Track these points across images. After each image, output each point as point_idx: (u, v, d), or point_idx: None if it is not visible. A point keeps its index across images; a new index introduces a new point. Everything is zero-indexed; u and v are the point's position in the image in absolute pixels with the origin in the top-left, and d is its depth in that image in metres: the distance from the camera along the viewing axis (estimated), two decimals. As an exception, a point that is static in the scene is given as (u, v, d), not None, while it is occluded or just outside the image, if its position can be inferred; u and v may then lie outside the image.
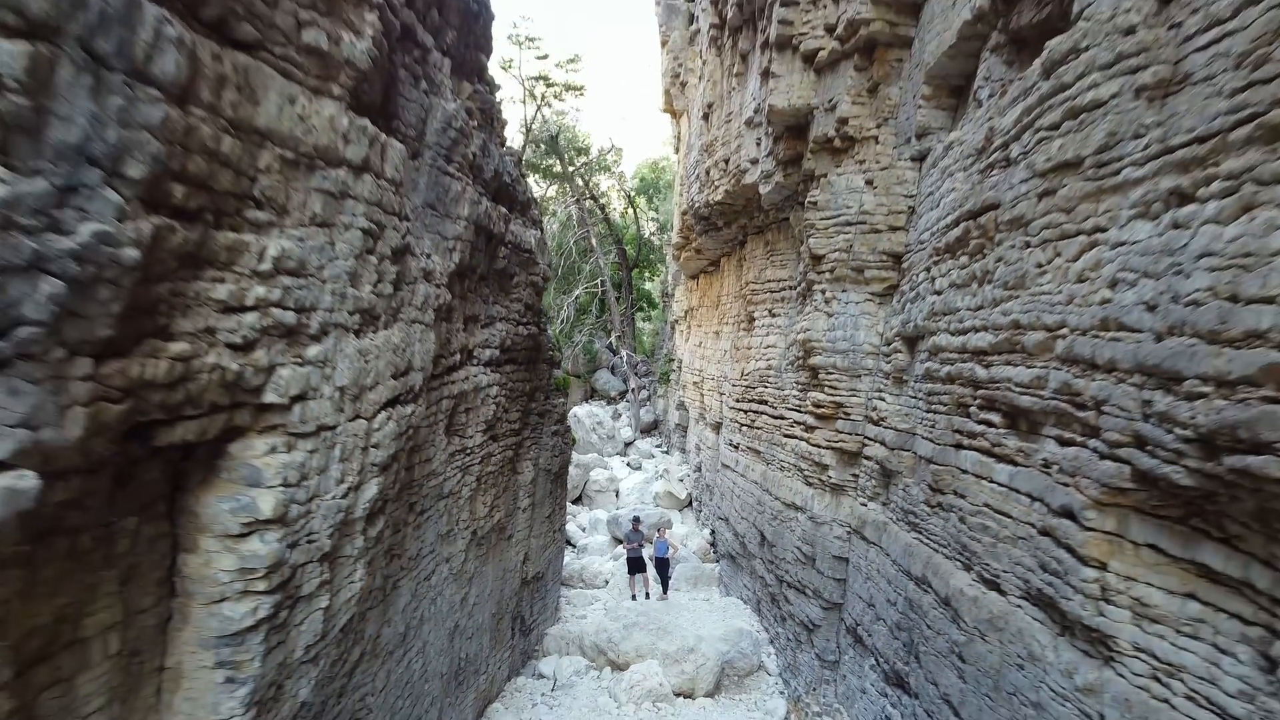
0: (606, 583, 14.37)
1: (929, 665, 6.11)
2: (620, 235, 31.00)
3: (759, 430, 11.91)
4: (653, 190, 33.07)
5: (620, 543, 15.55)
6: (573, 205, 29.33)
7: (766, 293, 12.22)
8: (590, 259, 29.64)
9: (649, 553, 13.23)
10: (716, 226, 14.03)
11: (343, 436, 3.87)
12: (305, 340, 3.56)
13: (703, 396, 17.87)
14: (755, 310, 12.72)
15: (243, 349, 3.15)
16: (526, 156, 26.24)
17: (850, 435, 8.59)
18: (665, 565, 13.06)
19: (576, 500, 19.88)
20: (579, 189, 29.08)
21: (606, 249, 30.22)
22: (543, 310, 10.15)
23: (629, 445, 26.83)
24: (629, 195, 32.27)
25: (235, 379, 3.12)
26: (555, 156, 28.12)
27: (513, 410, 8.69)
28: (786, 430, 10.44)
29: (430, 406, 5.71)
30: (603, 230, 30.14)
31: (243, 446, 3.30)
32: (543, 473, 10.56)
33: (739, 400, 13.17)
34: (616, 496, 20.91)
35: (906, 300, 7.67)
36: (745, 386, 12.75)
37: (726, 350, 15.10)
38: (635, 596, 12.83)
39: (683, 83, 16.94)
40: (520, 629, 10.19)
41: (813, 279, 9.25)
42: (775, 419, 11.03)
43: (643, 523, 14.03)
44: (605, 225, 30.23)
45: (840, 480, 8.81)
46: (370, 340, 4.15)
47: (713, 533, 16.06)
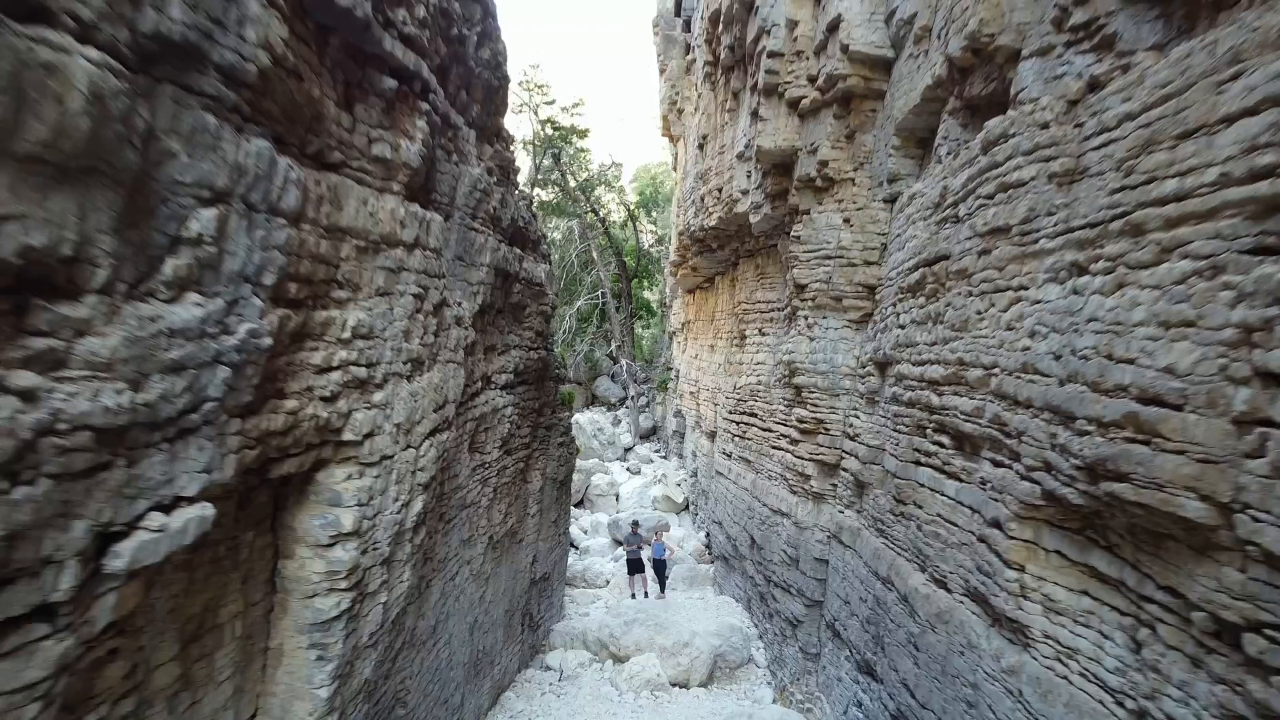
0: (608, 582, 15.21)
1: (891, 654, 6.99)
2: (620, 247, 32.04)
3: (749, 441, 12.80)
4: (651, 204, 34.13)
5: (620, 544, 16.33)
6: (574, 221, 30.40)
7: (757, 313, 13.10)
8: (591, 271, 30.68)
9: (648, 554, 13.96)
10: (711, 248, 14.93)
11: (398, 464, 4.75)
12: (372, 389, 4.44)
13: (699, 406, 18.73)
14: (747, 328, 13.60)
15: (330, 400, 4.03)
16: (531, 175, 27.26)
17: (829, 449, 9.48)
18: (663, 566, 13.86)
19: (579, 504, 20.72)
20: (581, 205, 30.12)
21: (606, 261, 31.25)
22: (550, 333, 11.03)
23: (628, 451, 27.73)
24: (629, 208, 33.32)
25: (324, 423, 4.00)
26: (558, 173, 29.19)
27: (524, 426, 9.58)
28: (774, 442, 11.32)
29: (458, 430, 6.59)
30: (603, 243, 31.17)
31: (327, 475, 4.18)
32: (550, 481, 11.44)
33: (731, 412, 14.05)
34: (617, 500, 21.76)
35: (878, 329, 8.55)
36: (737, 400, 13.63)
37: (720, 364, 15.97)
38: (635, 595, 13.64)
39: (679, 110, 17.85)
40: (529, 625, 11.07)
41: (797, 305, 10.14)
42: (764, 431, 11.91)
43: (642, 526, 14.89)
44: (605, 238, 31.27)
45: (821, 489, 9.70)
46: (418, 383, 5.04)
47: (708, 535, 16.88)
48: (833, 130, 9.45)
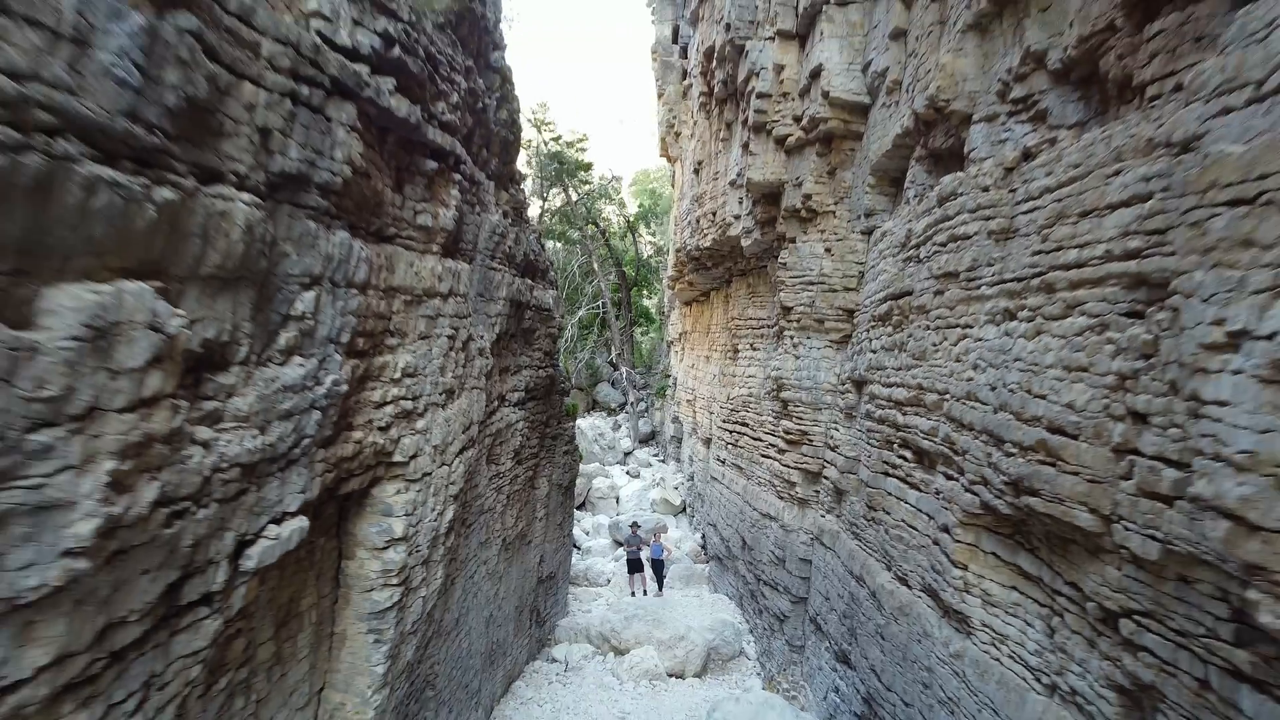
0: (609, 581, 16.04)
1: (863, 644, 7.86)
2: (620, 258, 33.06)
3: (741, 449, 13.67)
4: (650, 214, 35.15)
5: (621, 545, 17.17)
6: (575, 232, 31.43)
7: (749, 329, 13.97)
8: (592, 281, 31.70)
9: (647, 554, 14.79)
10: (706, 266, 15.81)
11: (435, 479, 5.61)
12: (416, 417, 5.30)
13: (695, 413, 19.58)
14: (739, 343, 14.47)
15: (384, 429, 4.89)
16: (534, 186, 28.21)
17: (813, 458, 10.35)
18: (661, 566, 14.71)
19: (581, 506, 21.55)
20: (582, 216, 31.14)
21: (607, 271, 32.26)
22: (556, 351, 11.91)
23: (628, 455, 28.60)
24: (628, 220, 34.33)
25: (380, 448, 4.86)
26: (561, 190, 30.21)
27: (533, 437, 10.44)
28: (763, 451, 12.20)
29: (479, 446, 7.46)
30: (603, 254, 32.18)
31: (381, 490, 5.05)
32: (555, 487, 12.31)
33: (725, 421, 14.92)
34: (617, 502, 22.60)
35: (855, 351, 9.42)
36: (730, 409, 14.50)
37: (715, 374, 16.83)
38: (634, 593, 14.47)
39: (677, 132, 18.72)
40: (537, 620, 11.94)
41: (784, 325, 11.01)
42: (754, 440, 12.79)
43: (641, 527, 15.73)
44: (606, 249, 32.27)
45: (805, 495, 10.57)
46: (450, 409, 5.90)
47: (703, 537, 17.71)
48: (815, 166, 10.31)
